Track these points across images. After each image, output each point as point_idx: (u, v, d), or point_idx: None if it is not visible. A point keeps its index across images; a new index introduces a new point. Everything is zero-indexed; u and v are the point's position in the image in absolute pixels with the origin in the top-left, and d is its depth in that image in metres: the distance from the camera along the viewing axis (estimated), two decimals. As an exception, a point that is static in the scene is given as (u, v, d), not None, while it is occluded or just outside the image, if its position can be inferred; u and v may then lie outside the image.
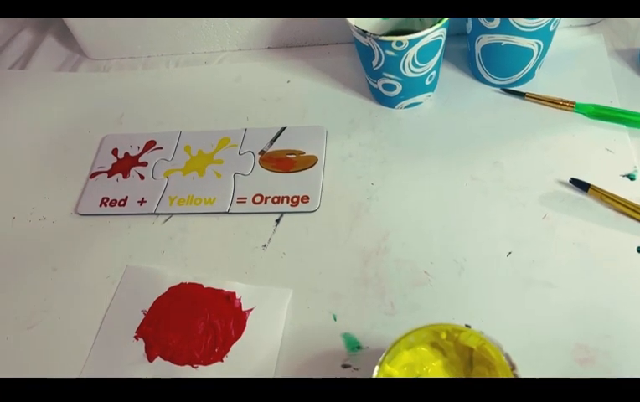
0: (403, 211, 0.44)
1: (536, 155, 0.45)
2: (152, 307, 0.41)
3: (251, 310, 0.40)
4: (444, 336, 0.31)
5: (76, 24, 0.60)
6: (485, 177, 0.45)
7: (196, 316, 0.40)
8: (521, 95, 0.48)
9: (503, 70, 0.49)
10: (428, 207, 0.44)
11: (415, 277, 0.40)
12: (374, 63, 0.46)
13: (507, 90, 0.49)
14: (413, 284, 0.40)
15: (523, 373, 0.29)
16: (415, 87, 0.48)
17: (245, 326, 0.40)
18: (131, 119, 0.56)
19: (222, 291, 0.41)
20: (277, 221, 0.45)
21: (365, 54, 0.47)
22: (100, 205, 0.49)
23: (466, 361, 0.33)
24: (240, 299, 0.41)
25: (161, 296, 0.42)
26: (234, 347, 0.39)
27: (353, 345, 0.38)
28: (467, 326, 0.30)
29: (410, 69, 0.45)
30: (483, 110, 0.49)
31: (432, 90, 0.50)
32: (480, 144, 0.47)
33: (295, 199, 0.46)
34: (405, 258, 0.41)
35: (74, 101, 0.59)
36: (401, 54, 0.44)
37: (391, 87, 0.48)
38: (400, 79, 0.47)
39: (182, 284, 0.42)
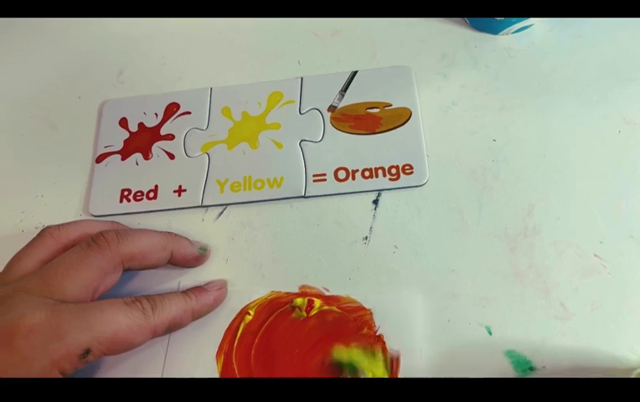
0: (545, 174, 0.34)
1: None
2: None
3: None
4: None
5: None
6: (642, 119, 0.35)
7: (315, 350, 0.29)
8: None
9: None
10: (577, 165, 0.34)
11: (583, 264, 0.31)
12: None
13: (646, 1, 0.39)
14: (583, 273, 0.30)
15: None
16: (533, 5, 0.37)
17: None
18: (136, 75, 0.42)
19: (361, 306, 0.30)
20: (375, 203, 0.34)
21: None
22: (122, 200, 0.36)
23: None
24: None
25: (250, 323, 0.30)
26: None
27: (525, 366, 0.29)
28: None
29: (538, -20, 0.34)
30: (619, 31, 0.38)
31: (545, 8, 0.39)
32: (623, 76, 0.36)
33: (393, 171, 0.35)
34: (564, 238, 0.31)
35: (50, 59, 0.43)
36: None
37: (506, 7, 0.36)
38: (519, -6, 0.35)
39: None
